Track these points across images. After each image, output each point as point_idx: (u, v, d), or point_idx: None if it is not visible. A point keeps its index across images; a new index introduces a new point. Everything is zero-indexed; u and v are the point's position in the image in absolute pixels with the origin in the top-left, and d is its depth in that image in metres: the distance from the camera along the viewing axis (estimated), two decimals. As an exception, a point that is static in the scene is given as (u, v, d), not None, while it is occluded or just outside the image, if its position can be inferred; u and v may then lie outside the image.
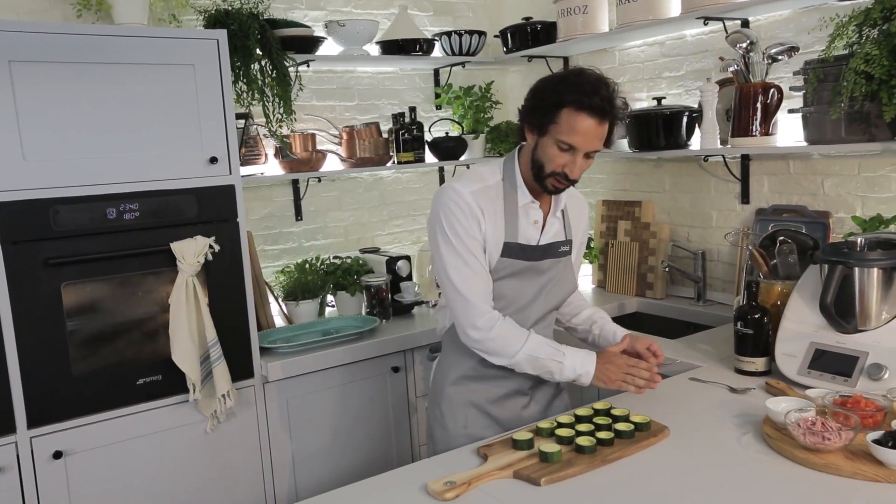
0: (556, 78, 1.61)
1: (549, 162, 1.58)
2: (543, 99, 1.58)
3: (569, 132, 1.54)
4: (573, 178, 1.60)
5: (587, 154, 1.58)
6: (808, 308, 1.73)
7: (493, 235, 1.65)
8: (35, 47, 1.85)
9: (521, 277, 1.70)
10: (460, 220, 1.61)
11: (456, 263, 1.62)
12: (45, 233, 1.90)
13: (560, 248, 1.74)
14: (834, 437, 1.30)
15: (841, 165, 2.22)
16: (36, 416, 1.91)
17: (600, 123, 1.54)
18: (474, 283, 1.62)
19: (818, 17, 2.13)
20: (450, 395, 1.76)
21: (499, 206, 1.66)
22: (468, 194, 1.62)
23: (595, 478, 1.32)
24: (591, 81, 1.54)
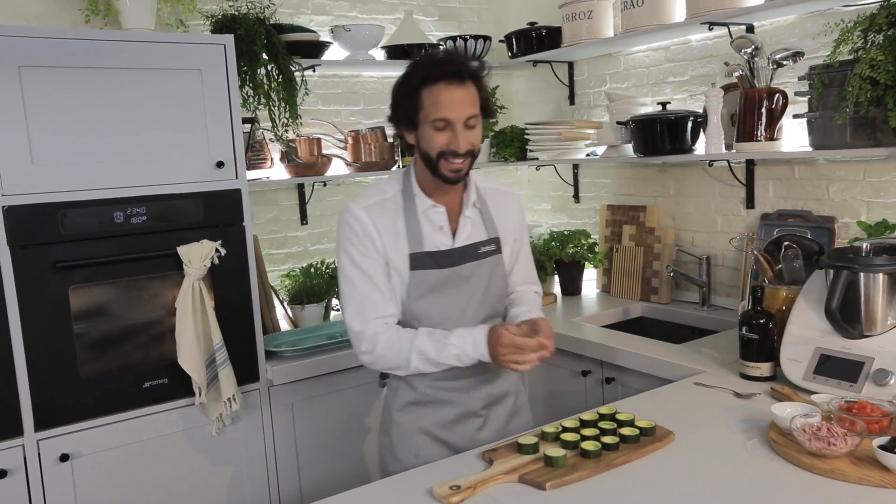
0: (407, 70, 1.55)
1: (432, 147, 1.51)
2: (402, 93, 1.53)
3: (435, 108, 1.48)
4: (462, 152, 1.50)
5: (467, 125, 1.50)
6: (814, 313, 1.73)
7: (396, 250, 1.58)
8: (44, 52, 1.87)
9: (442, 292, 1.60)
10: (351, 240, 1.57)
11: (345, 286, 1.59)
12: (53, 236, 1.91)
13: (481, 249, 1.64)
14: (840, 442, 1.30)
15: (846, 170, 2.22)
16: (43, 418, 1.92)
17: (461, 86, 1.48)
18: (359, 304, 1.57)
19: (823, 23, 2.14)
20: (399, 422, 1.67)
21: (398, 218, 1.59)
22: (360, 211, 1.57)
23: (600, 482, 1.33)
24: (437, 55, 1.54)
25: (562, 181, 3.26)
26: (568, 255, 2.93)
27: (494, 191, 1.72)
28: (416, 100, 1.50)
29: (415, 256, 1.58)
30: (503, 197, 1.73)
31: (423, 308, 1.59)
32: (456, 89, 1.48)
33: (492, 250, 1.66)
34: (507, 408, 1.72)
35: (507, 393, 1.73)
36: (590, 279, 3.05)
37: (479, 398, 1.67)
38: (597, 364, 2.30)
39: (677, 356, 2.06)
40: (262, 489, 2.27)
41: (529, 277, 1.81)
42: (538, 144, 2.98)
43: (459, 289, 1.62)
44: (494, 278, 1.67)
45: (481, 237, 1.65)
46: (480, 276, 1.64)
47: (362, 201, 1.60)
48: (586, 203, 3.19)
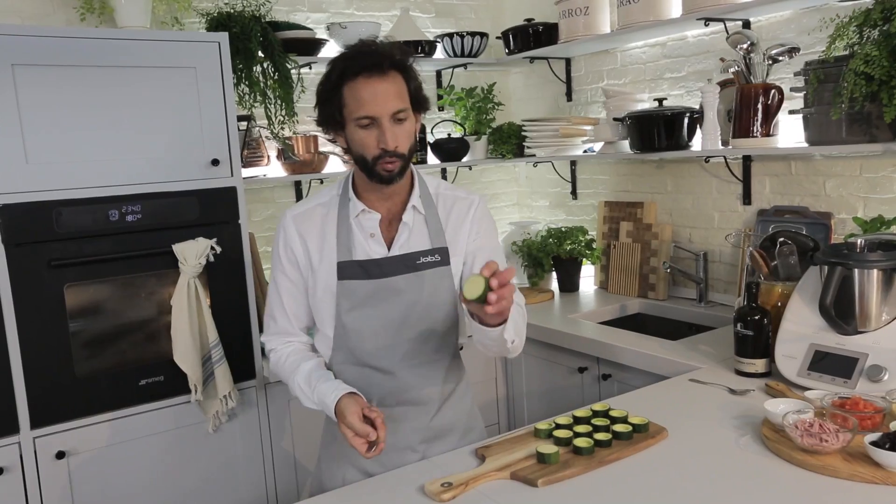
0: (327, 67, 1.43)
1: (363, 147, 1.39)
2: (323, 94, 1.42)
3: (358, 105, 1.36)
4: (392, 149, 1.38)
5: (395, 119, 1.38)
6: (809, 309, 1.73)
7: (323, 259, 1.47)
8: (38, 50, 1.87)
9: (373, 305, 1.46)
10: (276, 251, 1.54)
11: (269, 287, 1.57)
12: (48, 234, 1.91)
13: (420, 260, 1.47)
14: (831, 438, 1.30)
15: (843, 166, 2.21)
16: (39, 416, 1.93)
17: (383, 78, 1.36)
18: (267, 317, 1.56)
19: (819, 18, 2.13)
20: (327, 451, 1.57)
21: (328, 225, 1.49)
22: (289, 218, 1.52)
23: (592, 479, 1.33)
24: (352, 48, 1.41)
25: (559, 178, 3.25)
26: (565, 252, 2.93)
27: (449, 197, 1.55)
28: (338, 98, 1.39)
29: (343, 265, 1.46)
30: (458, 203, 1.55)
31: (354, 322, 1.46)
32: (377, 82, 1.36)
33: (434, 261, 1.48)
34: (448, 446, 1.53)
35: (451, 429, 1.55)
36: (587, 276, 3.05)
37: (418, 430, 1.51)
38: (593, 361, 2.30)
39: (673, 353, 2.06)
40: (259, 486, 2.27)
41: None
42: (535, 141, 2.98)
43: (392, 302, 1.46)
44: (438, 292, 1.48)
45: (422, 247, 1.48)
46: (419, 289, 1.46)
47: (297, 208, 1.55)
48: (584, 199, 3.19)
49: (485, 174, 3.46)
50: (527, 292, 2.91)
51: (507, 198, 3.55)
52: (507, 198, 3.55)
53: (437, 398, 1.53)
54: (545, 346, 2.50)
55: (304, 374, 1.47)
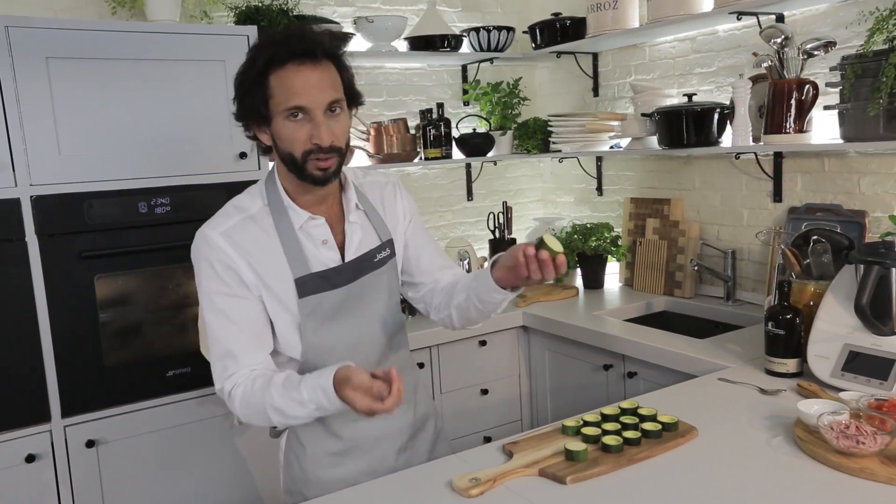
0: (248, 54, 1.28)
1: (293, 142, 1.26)
2: (246, 81, 1.27)
3: (287, 95, 1.23)
4: (327, 146, 1.26)
5: (329, 110, 1.26)
6: (843, 309, 1.69)
7: (277, 277, 1.32)
8: (71, 44, 1.89)
9: (343, 316, 1.37)
10: (209, 275, 1.32)
11: (208, 332, 1.35)
12: (79, 226, 1.94)
13: (377, 257, 1.41)
14: (869, 441, 1.27)
15: (878, 163, 2.16)
16: (69, 405, 1.96)
17: (316, 66, 1.24)
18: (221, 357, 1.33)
19: (857, 11, 2.08)
20: (318, 478, 1.41)
21: (270, 239, 1.33)
22: (217, 237, 1.32)
23: (621, 477, 1.31)
24: (280, 31, 1.27)
25: (585, 174, 3.22)
26: (590, 249, 2.91)
27: (373, 184, 1.48)
28: (264, 88, 1.24)
29: (301, 281, 1.32)
30: (386, 188, 1.49)
31: (325, 339, 1.36)
32: (309, 70, 1.23)
33: (387, 256, 1.43)
34: (429, 434, 1.53)
35: (426, 416, 1.55)
36: (612, 273, 3.02)
37: (406, 427, 1.48)
38: (619, 358, 2.28)
39: (701, 351, 2.04)
40: (283, 478, 2.28)
41: (445, 261, 1.57)
42: (561, 136, 2.95)
43: (362, 308, 1.39)
44: (394, 285, 1.46)
45: (373, 243, 1.42)
46: (380, 289, 1.41)
47: (220, 224, 1.34)
48: (609, 196, 3.16)
49: (509, 169, 3.44)
50: (551, 289, 2.90)
51: (532, 193, 3.53)
52: (532, 193, 3.53)
53: (412, 393, 1.50)
54: (569, 343, 2.48)
55: (282, 381, 1.28)
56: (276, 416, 1.28)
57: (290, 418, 1.28)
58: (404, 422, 1.48)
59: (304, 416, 1.27)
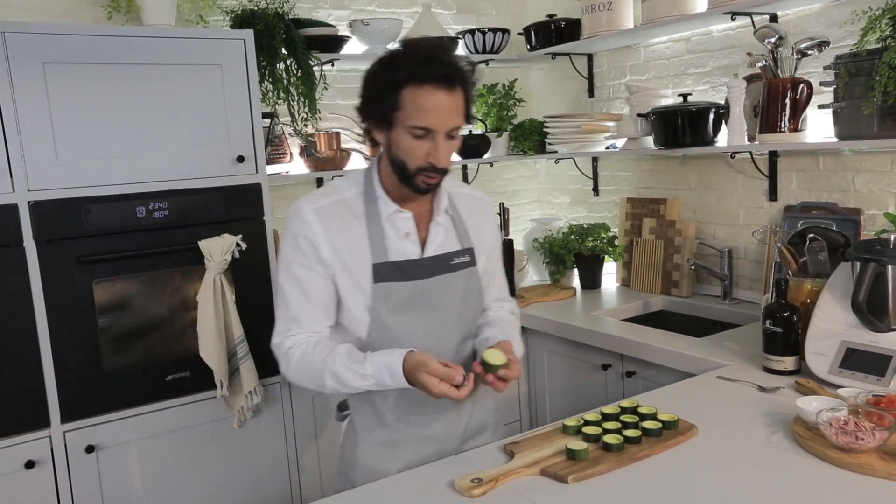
0: (386, 58, 1.34)
1: (409, 155, 1.33)
2: (378, 86, 1.33)
3: (418, 114, 1.29)
4: (442, 167, 1.35)
5: (449, 135, 1.33)
6: (839, 306, 1.71)
7: (356, 259, 1.40)
8: (67, 49, 1.89)
9: (412, 308, 1.42)
10: (292, 244, 1.41)
11: (277, 296, 1.45)
12: (77, 231, 1.94)
13: (454, 260, 1.46)
14: (867, 436, 1.28)
15: (873, 161, 2.18)
16: (69, 410, 1.95)
17: (450, 93, 1.30)
18: (286, 320, 1.43)
19: (849, 11, 2.10)
20: (365, 465, 1.48)
21: (357, 223, 1.41)
22: (311, 213, 1.40)
23: (622, 476, 1.32)
24: (425, 49, 1.32)
25: (581, 174, 3.24)
26: (587, 249, 2.91)
27: (467, 196, 1.55)
28: (396, 98, 1.30)
29: (379, 267, 1.40)
30: (477, 203, 1.56)
31: (392, 325, 1.42)
32: (444, 95, 1.30)
33: (466, 262, 1.49)
34: (481, 443, 1.54)
35: (484, 425, 1.58)
36: (609, 273, 3.03)
37: (457, 432, 1.51)
38: (617, 358, 2.29)
39: (699, 350, 2.04)
40: (283, 481, 2.29)
41: (503, 293, 1.65)
42: (557, 137, 2.96)
43: (432, 305, 1.44)
44: (470, 293, 1.50)
45: (454, 247, 1.48)
46: (455, 291, 1.46)
47: (315, 201, 1.42)
48: (606, 196, 3.17)
49: (506, 171, 3.45)
50: (548, 289, 2.90)
51: (528, 195, 3.54)
52: (528, 195, 3.54)
53: (470, 399, 1.51)
54: (568, 344, 2.49)
55: (346, 352, 1.37)
56: (330, 380, 1.37)
57: (344, 386, 1.37)
58: (457, 427, 1.52)
59: (359, 388, 1.36)
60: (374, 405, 1.48)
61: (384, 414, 1.47)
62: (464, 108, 1.36)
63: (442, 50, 1.33)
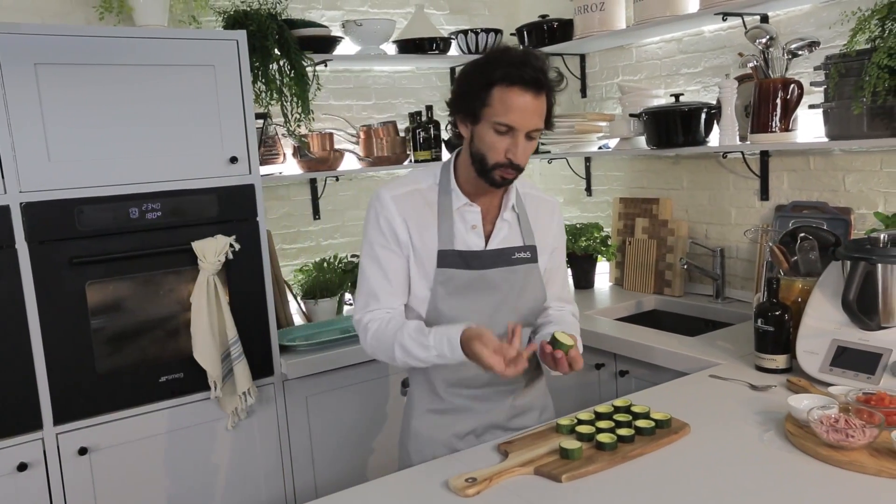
0: (482, 59, 1.46)
1: (490, 150, 1.44)
2: (471, 83, 1.44)
3: (504, 111, 1.40)
4: (518, 164, 1.45)
5: (528, 135, 1.44)
6: (830, 305, 1.72)
7: (424, 244, 1.52)
8: (59, 50, 1.88)
9: (469, 295, 1.53)
10: (374, 227, 1.53)
11: (360, 274, 1.56)
12: (69, 232, 1.93)
13: (515, 255, 1.56)
14: (858, 434, 1.29)
15: (863, 161, 2.19)
16: (62, 412, 1.95)
17: (536, 96, 1.41)
18: (366, 296, 1.53)
19: (839, 12, 2.11)
20: (417, 431, 1.61)
21: (430, 211, 1.53)
22: (389, 199, 1.52)
23: (616, 475, 1.33)
24: (518, 54, 1.43)
25: (574, 174, 3.25)
26: (580, 249, 2.93)
27: (535, 197, 1.65)
28: (486, 95, 1.41)
29: (443, 254, 1.51)
30: (544, 205, 1.66)
31: (450, 310, 1.52)
32: (531, 97, 1.40)
33: (526, 258, 1.58)
34: (528, 422, 1.65)
35: (531, 407, 1.67)
36: (602, 272, 3.04)
37: (503, 409, 1.61)
38: (610, 357, 2.30)
39: (691, 349, 2.06)
40: (277, 482, 2.28)
41: (565, 294, 1.73)
42: (550, 137, 2.97)
43: (488, 294, 1.54)
44: (528, 287, 1.59)
45: (516, 243, 1.58)
46: (512, 284, 1.56)
47: (394, 188, 1.55)
48: (598, 196, 3.18)
49: (499, 171, 3.45)
50: (542, 289, 2.91)
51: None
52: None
53: (521, 381, 1.63)
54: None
55: (414, 326, 1.47)
56: (399, 352, 1.46)
57: (412, 358, 1.46)
58: (504, 402, 1.62)
59: (424, 358, 1.44)
60: (429, 377, 1.60)
61: (436, 385, 1.59)
62: (546, 113, 1.46)
63: (535, 57, 1.43)
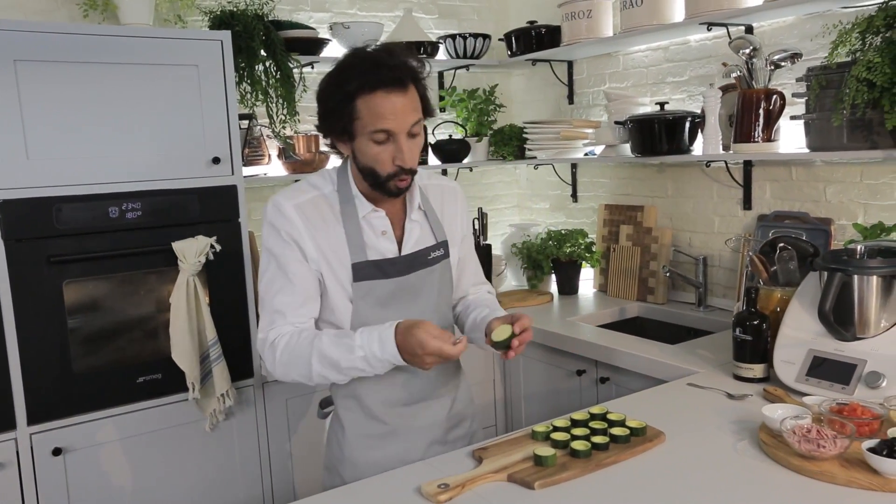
0: (335, 72, 1.36)
1: (376, 162, 1.36)
2: (333, 100, 1.34)
3: (375, 119, 1.31)
4: (410, 168, 1.37)
5: (410, 133, 1.36)
6: (808, 315, 1.73)
7: (336, 257, 1.42)
8: (40, 47, 1.87)
9: (392, 306, 1.45)
10: (275, 238, 1.42)
11: (263, 291, 1.45)
12: (47, 231, 1.91)
13: (430, 255, 1.50)
14: (829, 444, 1.29)
15: (843, 172, 2.21)
16: (36, 412, 1.93)
17: (403, 93, 1.32)
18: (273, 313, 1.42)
19: (821, 24, 2.13)
20: (354, 459, 1.50)
21: (335, 221, 1.43)
22: (291, 209, 1.40)
23: (589, 482, 1.32)
24: (371, 56, 1.33)
25: (560, 180, 3.25)
26: (565, 255, 2.93)
27: (437, 187, 1.57)
28: (352, 109, 1.32)
29: (358, 266, 1.42)
30: (448, 193, 1.58)
31: (376, 321, 1.42)
32: (397, 97, 1.31)
33: (441, 255, 1.52)
34: (462, 433, 1.60)
35: (463, 416, 1.62)
36: (587, 279, 3.05)
37: (441, 421, 1.55)
38: (592, 364, 2.30)
39: (672, 356, 2.06)
40: (256, 484, 2.27)
41: (479, 277, 1.69)
42: (536, 143, 2.98)
43: (411, 301, 1.47)
44: (444, 285, 1.54)
45: (429, 242, 1.51)
46: (431, 285, 1.50)
47: (294, 196, 1.43)
48: (584, 202, 3.19)
49: (485, 176, 3.46)
50: (526, 295, 2.91)
51: (508, 200, 3.55)
52: (508, 200, 3.55)
53: (452, 391, 1.59)
54: (544, 349, 2.50)
55: (334, 332, 1.40)
56: (317, 364, 1.36)
57: (331, 368, 1.37)
58: (441, 415, 1.56)
59: (347, 365, 1.36)
60: (360, 399, 1.50)
61: (371, 407, 1.50)
62: (420, 104, 1.38)
63: (388, 53, 1.34)
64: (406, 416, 1.52)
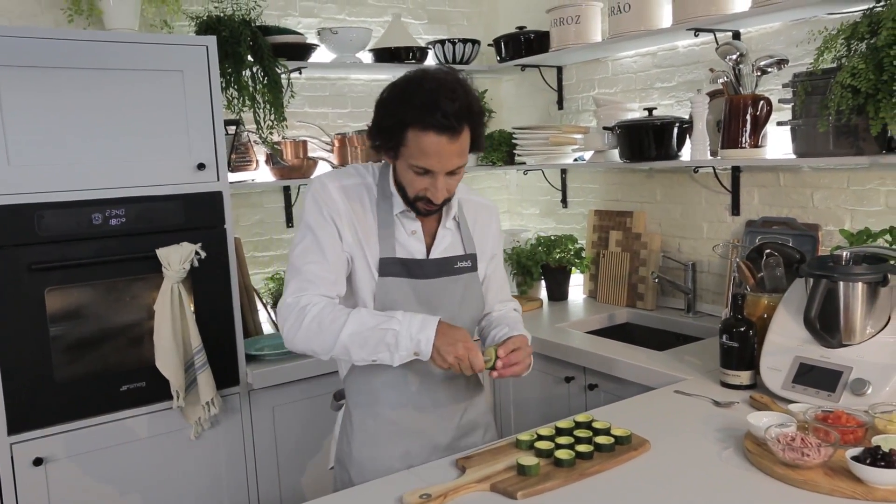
0: (397, 90, 1.38)
1: (409, 186, 1.41)
2: (386, 118, 1.38)
3: (419, 155, 1.35)
4: (437, 202, 1.41)
5: (450, 173, 1.39)
6: (794, 322, 1.72)
7: (367, 248, 1.45)
8: (23, 52, 1.85)
9: (411, 306, 1.46)
10: (316, 214, 1.43)
11: (297, 260, 1.44)
12: (29, 237, 1.89)
13: (457, 264, 1.52)
14: (813, 453, 1.29)
15: (830, 178, 2.21)
16: (16, 422, 1.90)
17: (452, 140, 1.33)
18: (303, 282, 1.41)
19: (807, 31, 2.13)
20: (360, 460, 1.51)
21: (371, 211, 1.46)
22: (334, 189, 1.44)
23: (572, 492, 1.31)
24: (432, 91, 1.32)
25: (549, 186, 3.25)
26: (555, 261, 2.92)
27: (474, 203, 1.62)
28: (401, 136, 1.35)
29: (385, 262, 1.45)
30: (483, 211, 1.62)
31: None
32: (446, 143, 1.33)
33: (467, 266, 1.55)
34: (474, 441, 1.60)
35: (476, 425, 1.63)
36: (576, 284, 3.04)
37: (450, 429, 1.56)
38: (580, 370, 2.29)
39: (659, 363, 2.05)
40: (242, 493, 2.25)
41: (505, 295, 1.71)
42: (526, 149, 2.97)
43: (430, 304, 1.48)
44: (469, 297, 1.55)
45: (458, 252, 1.54)
46: (454, 293, 1.52)
47: (340, 178, 1.47)
48: (574, 208, 3.18)
49: (475, 181, 3.45)
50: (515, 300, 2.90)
51: (499, 205, 3.53)
52: (499, 205, 3.53)
53: (465, 398, 1.60)
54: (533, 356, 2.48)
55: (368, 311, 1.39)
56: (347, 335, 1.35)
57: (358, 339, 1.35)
58: (451, 422, 1.57)
59: (377, 338, 1.35)
60: (372, 397, 1.52)
61: (381, 406, 1.52)
62: (468, 145, 1.40)
63: (449, 93, 1.32)
64: (415, 419, 1.53)
